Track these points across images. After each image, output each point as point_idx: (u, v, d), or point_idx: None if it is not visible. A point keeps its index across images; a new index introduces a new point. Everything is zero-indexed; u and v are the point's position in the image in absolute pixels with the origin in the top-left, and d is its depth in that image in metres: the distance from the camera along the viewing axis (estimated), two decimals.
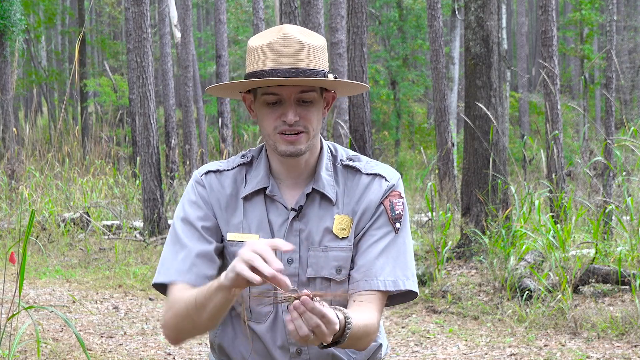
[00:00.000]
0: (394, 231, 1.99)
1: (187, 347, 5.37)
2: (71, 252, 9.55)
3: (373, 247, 1.97)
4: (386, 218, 1.99)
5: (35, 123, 17.73)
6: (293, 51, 1.92)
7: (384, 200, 2.00)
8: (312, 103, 1.96)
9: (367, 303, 1.92)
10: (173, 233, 2.02)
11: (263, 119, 1.97)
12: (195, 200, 2.02)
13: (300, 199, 2.00)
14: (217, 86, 2.04)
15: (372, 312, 1.90)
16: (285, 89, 1.93)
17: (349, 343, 1.79)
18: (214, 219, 2.01)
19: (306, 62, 1.93)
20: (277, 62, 1.92)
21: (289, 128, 1.93)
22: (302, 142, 1.95)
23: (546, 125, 9.30)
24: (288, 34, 1.93)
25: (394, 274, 1.95)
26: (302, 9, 9.67)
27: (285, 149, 1.94)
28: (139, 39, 10.60)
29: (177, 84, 23.89)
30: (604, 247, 6.52)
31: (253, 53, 1.96)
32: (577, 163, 11.59)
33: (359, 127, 10.35)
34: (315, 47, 1.95)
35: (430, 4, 13.92)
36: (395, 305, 2.12)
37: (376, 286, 1.94)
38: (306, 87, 1.94)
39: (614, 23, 10.78)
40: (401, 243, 2.00)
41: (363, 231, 2.00)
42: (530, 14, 35.39)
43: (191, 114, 17.17)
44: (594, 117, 24.74)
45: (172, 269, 1.96)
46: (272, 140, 1.96)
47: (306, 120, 1.95)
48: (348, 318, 1.74)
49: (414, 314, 6.29)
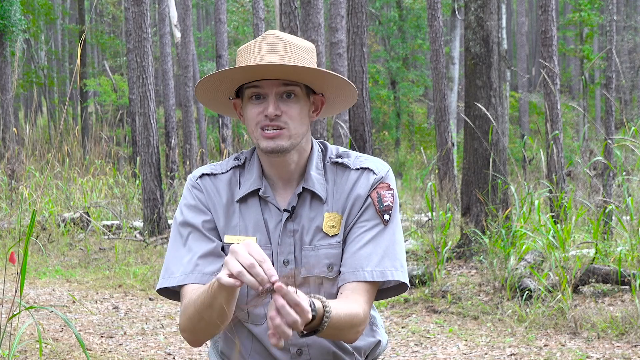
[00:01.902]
0: (382, 223, 1.98)
1: (187, 347, 5.37)
2: (71, 252, 9.55)
3: (360, 238, 1.96)
4: (374, 210, 1.99)
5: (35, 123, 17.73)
6: (278, 47, 1.93)
7: (371, 193, 2.00)
8: (295, 99, 1.95)
9: (354, 295, 1.91)
10: (174, 238, 2.02)
11: (247, 116, 1.97)
12: (195, 204, 2.02)
13: (292, 200, 2.01)
14: (207, 98, 2.04)
15: (359, 304, 1.89)
16: (266, 83, 1.93)
17: (330, 332, 1.78)
18: (213, 221, 2.01)
19: (289, 58, 1.93)
20: (259, 58, 1.93)
21: (270, 123, 1.93)
22: (282, 139, 1.94)
23: (546, 125, 9.30)
24: (273, 33, 1.95)
25: (382, 265, 1.94)
26: (302, 9, 9.67)
27: (267, 145, 1.94)
28: (139, 39, 10.60)
29: (177, 84, 23.90)
30: (604, 247, 6.52)
31: (240, 54, 1.99)
32: (577, 163, 11.59)
33: (359, 127, 10.35)
34: (299, 46, 1.96)
35: (430, 4, 13.93)
36: (388, 298, 2.10)
37: (362, 277, 1.93)
38: (288, 80, 1.93)
39: (614, 23, 10.79)
40: (390, 234, 1.98)
41: (351, 224, 1.99)
42: (530, 14, 35.39)
43: (191, 114, 17.17)
44: (594, 117, 24.74)
45: (177, 272, 1.96)
46: (255, 137, 1.97)
47: (287, 115, 1.94)
48: (327, 307, 1.73)
49: (414, 314, 6.29)
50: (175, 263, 1.97)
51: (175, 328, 5.95)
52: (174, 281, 1.95)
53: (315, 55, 2.02)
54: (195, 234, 1.98)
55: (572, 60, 29.67)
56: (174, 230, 2.03)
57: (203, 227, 1.99)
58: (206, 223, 2.00)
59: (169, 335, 5.75)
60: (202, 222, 1.99)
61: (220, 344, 2.10)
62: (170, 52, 16.44)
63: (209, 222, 2.00)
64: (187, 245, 1.98)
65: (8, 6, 14.70)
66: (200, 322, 1.85)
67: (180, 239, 2.00)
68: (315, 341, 1.99)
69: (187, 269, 1.94)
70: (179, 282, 1.94)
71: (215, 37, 16.97)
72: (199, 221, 1.99)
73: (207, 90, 2.04)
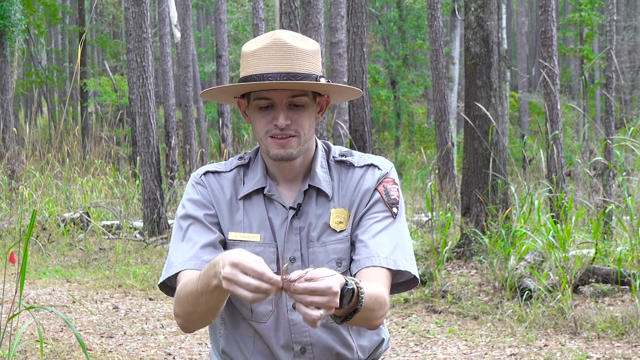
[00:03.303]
0: (392, 216, 2.00)
1: (187, 347, 5.38)
2: (71, 252, 9.55)
3: (372, 229, 1.98)
4: (382, 203, 2.01)
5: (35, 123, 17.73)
6: (285, 55, 1.94)
7: (378, 187, 2.02)
8: (304, 107, 1.97)
9: (373, 278, 1.91)
10: (176, 232, 2.02)
11: (255, 123, 1.99)
12: (198, 198, 2.03)
13: (298, 197, 2.02)
14: (212, 91, 2.05)
15: (380, 286, 1.89)
16: (276, 93, 1.94)
17: (365, 315, 1.77)
18: (216, 216, 2.02)
19: (298, 66, 1.94)
20: (269, 66, 1.93)
21: (280, 132, 1.95)
22: (292, 146, 1.96)
23: (546, 125, 9.30)
24: (280, 39, 1.95)
25: (394, 255, 1.96)
26: (302, 9, 9.67)
27: (277, 153, 1.96)
28: (139, 39, 10.60)
29: (177, 84, 23.91)
30: (604, 247, 6.52)
31: (246, 58, 1.98)
32: (577, 163, 11.59)
33: (359, 127, 10.35)
34: (307, 52, 1.97)
35: (430, 4, 13.93)
36: (400, 292, 2.11)
37: (378, 262, 1.94)
38: (298, 91, 1.95)
39: (614, 23, 10.79)
40: (399, 229, 2.01)
41: (360, 217, 2.01)
42: (530, 14, 35.39)
43: (191, 114, 17.17)
44: (594, 117, 24.74)
45: (177, 261, 1.96)
46: (264, 144, 1.98)
47: (297, 124, 1.96)
48: (359, 285, 1.72)
49: (414, 314, 6.29)
50: (176, 255, 1.98)
51: (176, 328, 5.95)
52: (174, 270, 1.95)
53: (320, 56, 2.03)
54: (196, 225, 1.99)
55: (572, 60, 29.67)
56: (175, 225, 2.04)
57: (205, 220, 1.99)
58: (208, 217, 2.00)
59: (169, 335, 5.75)
60: (204, 215, 2.00)
61: (222, 344, 2.10)
62: (170, 52, 16.44)
63: (212, 217, 2.01)
64: (187, 237, 1.98)
65: (8, 6, 14.70)
66: (191, 310, 1.84)
67: (181, 231, 2.00)
68: (319, 340, 2.00)
69: (187, 256, 1.95)
70: (178, 269, 1.94)
71: (215, 37, 16.97)
72: (200, 214, 2.00)
73: (213, 93, 2.06)
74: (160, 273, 7.98)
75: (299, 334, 1.99)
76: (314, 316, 1.58)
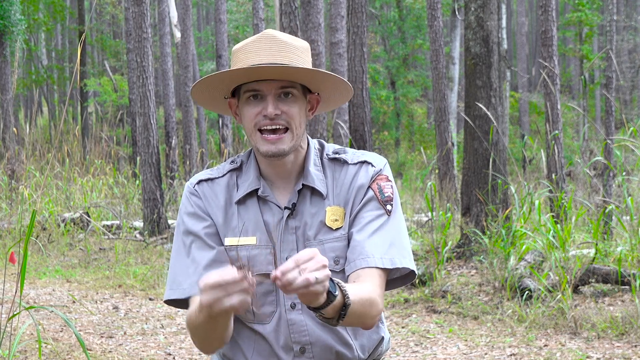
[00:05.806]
0: (386, 213, 1.99)
1: (187, 347, 5.38)
2: (71, 252, 9.55)
3: (366, 229, 1.97)
4: (376, 201, 2.00)
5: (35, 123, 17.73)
6: (274, 47, 1.94)
7: (371, 184, 2.01)
8: (294, 99, 1.96)
9: (366, 278, 1.91)
10: (178, 247, 2.03)
11: (245, 117, 1.98)
12: (194, 211, 2.03)
13: (292, 197, 2.01)
14: (203, 97, 2.05)
15: (373, 287, 1.89)
16: (265, 84, 1.93)
17: (353, 318, 1.78)
18: (214, 225, 2.02)
19: (287, 58, 1.94)
20: (257, 58, 1.93)
21: (269, 122, 1.93)
22: (284, 142, 1.95)
23: (546, 125, 9.30)
24: (269, 33, 1.96)
25: (390, 253, 1.95)
26: (302, 9, 9.67)
27: (267, 149, 1.95)
28: (139, 39, 10.60)
29: (177, 84, 23.89)
30: (604, 247, 6.52)
31: (236, 54, 1.98)
32: (577, 163, 11.59)
33: (359, 127, 10.35)
34: (295, 46, 1.97)
35: (430, 4, 13.93)
36: (396, 287, 2.10)
37: (373, 263, 1.93)
38: (287, 82, 1.94)
39: (614, 23, 10.78)
40: (394, 225, 2.00)
41: (354, 215, 2.00)
42: (530, 14, 35.40)
43: (191, 114, 17.17)
44: (594, 117, 24.74)
45: (185, 283, 1.98)
46: (254, 140, 1.97)
47: (288, 115, 1.94)
48: (343, 288, 1.74)
49: (414, 314, 6.29)
50: (181, 274, 2.00)
51: (176, 328, 5.95)
52: (183, 293, 1.98)
53: (310, 55, 2.03)
54: (197, 243, 2.00)
55: (572, 60, 29.66)
56: (176, 239, 2.04)
57: (204, 235, 2.00)
58: (207, 229, 2.01)
59: (169, 335, 5.75)
60: (203, 229, 2.01)
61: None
62: (170, 52, 16.44)
63: (210, 228, 2.01)
64: (190, 256, 2.00)
65: (8, 6, 14.70)
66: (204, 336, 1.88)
67: (184, 248, 2.02)
68: (318, 339, 2.00)
69: (194, 279, 1.96)
70: (187, 294, 1.97)
71: (215, 37, 16.97)
72: (199, 228, 2.00)
73: (203, 91, 2.04)
74: (160, 273, 8.00)
75: (297, 334, 1.99)
76: (310, 280, 1.58)
